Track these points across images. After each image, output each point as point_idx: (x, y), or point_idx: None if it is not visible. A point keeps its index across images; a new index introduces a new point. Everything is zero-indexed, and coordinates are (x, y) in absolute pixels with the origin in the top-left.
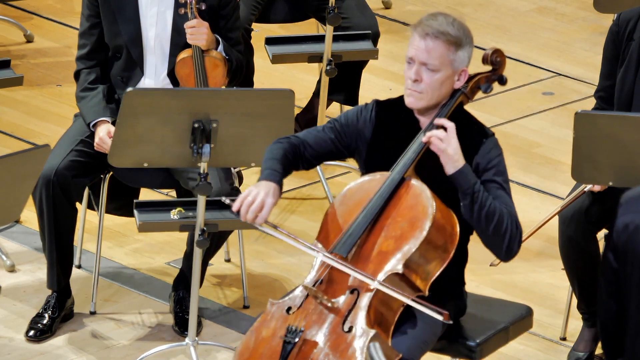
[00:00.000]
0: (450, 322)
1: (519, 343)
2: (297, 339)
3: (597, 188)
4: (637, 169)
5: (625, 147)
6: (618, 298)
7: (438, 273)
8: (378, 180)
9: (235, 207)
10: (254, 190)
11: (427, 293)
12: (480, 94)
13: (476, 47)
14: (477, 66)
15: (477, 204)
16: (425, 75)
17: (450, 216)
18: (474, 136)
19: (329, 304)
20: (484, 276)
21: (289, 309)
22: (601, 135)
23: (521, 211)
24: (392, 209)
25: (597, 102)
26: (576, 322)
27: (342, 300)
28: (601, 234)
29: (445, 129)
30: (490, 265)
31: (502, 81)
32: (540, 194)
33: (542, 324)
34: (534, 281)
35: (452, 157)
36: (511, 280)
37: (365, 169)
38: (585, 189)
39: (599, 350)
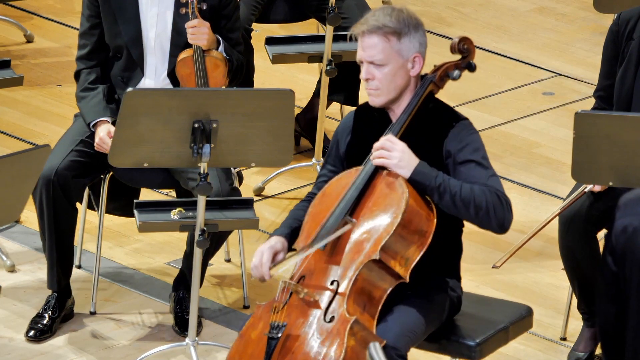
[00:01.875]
0: (353, 220)
1: (519, 343)
2: (279, 334)
3: (597, 188)
4: (637, 169)
5: (625, 147)
6: (617, 301)
7: (418, 258)
8: (353, 173)
9: (256, 277)
10: (256, 253)
11: (407, 279)
12: (479, 94)
13: (476, 47)
14: (449, 58)
15: (447, 194)
16: (376, 72)
17: (426, 202)
18: (444, 123)
19: (311, 298)
20: (484, 276)
21: (274, 308)
22: (601, 135)
23: (521, 211)
24: (367, 199)
25: (597, 102)
26: (576, 322)
27: (322, 292)
28: (601, 234)
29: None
30: (493, 267)
31: (472, 68)
32: (541, 194)
33: (542, 324)
34: (534, 281)
35: (399, 166)
36: (511, 280)
37: (347, 167)
38: (586, 190)
39: (599, 350)
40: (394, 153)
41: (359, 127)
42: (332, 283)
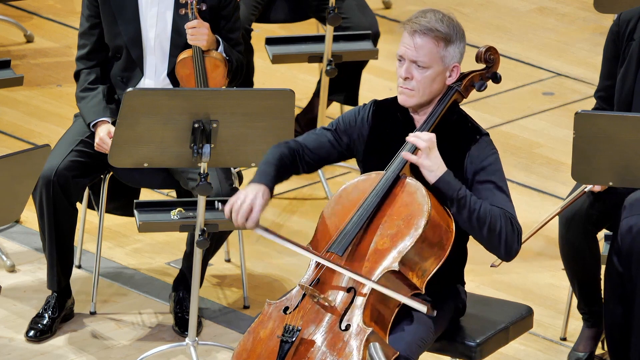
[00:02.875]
0: (434, 314)
1: (519, 343)
2: (294, 338)
3: (597, 188)
4: (637, 169)
5: (625, 147)
6: (623, 301)
7: (435, 270)
8: (373, 179)
9: (226, 213)
10: (242, 194)
11: (423, 290)
12: (479, 94)
13: (475, 46)
14: (471, 65)
15: (466, 210)
16: (416, 73)
17: (446, 214)
18: (467, 135)
19: (326, 303)
20: (484, 276)
21: (286, 308)
22: (601, 135)
23: (521, 211)
24: (387, 207)
25: (597, 102)
26: (576, 322)
27: (338, 298)
28: (601, 234)
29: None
30: (491, 266)
31: (496, 79)
32: (541, 194)
33: (542, 324)
34: (534, 281)
35: (429, 168)
36: (511, 280)
37: (363, 169)
38: (586, 189)
39: (599, 351)
40: (432, 152)
41: (377, 124)
42: (349, 290)
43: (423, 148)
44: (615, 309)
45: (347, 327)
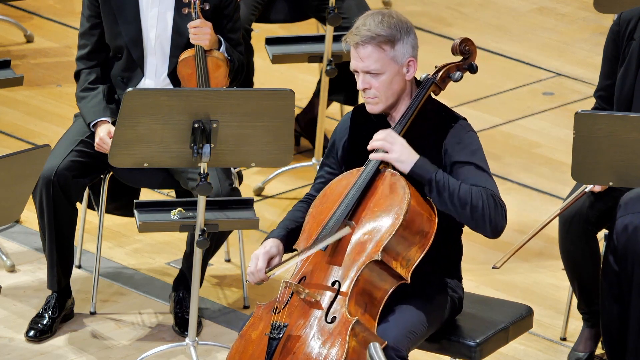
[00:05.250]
0: (352, 224)
1: (519, 343)
2: (281, 335)
3: (597, 188)
4: (637, 169)
5: (625, 147)
6: (620, 300)
7: (419, 259)
8: (355, 175)
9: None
10: (253, 257)
11: (409, 280)
12: (479, 94)
13: (477, 47)
14: (449, 59)
15: (446, 193)
16: (373, 81)
17: (427, 203)
18: (443, 123)
19: (312, 299)
20: (484, 276)
21: (275, 308)
22: (601, 135)
23: (521, 211)
24: (368, 200)
25: (597, 102)
26: (576, 322)
27: (324, 293)
28: (601, 234)
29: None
30: (493, 267)
31: (473, 69)
32: (541, 194)
33: (542, 324)
34: (534, 281)
35: (397, 160)
36: (511, 280)
37: (346, 169)
38: (586, 190)
39: (599, 351)
40: (395, 147)
41: (356, 129)
42: (333, 284)
43: (379, 147)
44: (612, 308)
45: (333, 319)
